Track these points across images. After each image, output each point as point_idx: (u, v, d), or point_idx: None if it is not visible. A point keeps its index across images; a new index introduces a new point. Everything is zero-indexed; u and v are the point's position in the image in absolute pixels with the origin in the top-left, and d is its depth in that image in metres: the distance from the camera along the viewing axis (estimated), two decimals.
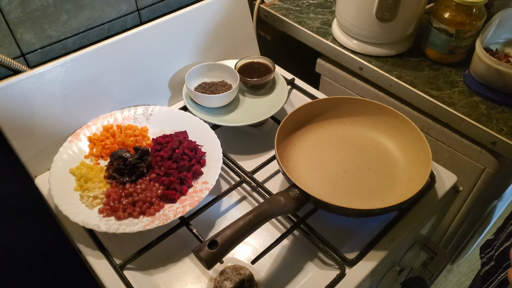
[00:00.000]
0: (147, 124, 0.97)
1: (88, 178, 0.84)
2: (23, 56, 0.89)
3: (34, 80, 0.84)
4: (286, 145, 0.90)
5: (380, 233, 0.80)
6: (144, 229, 0.75)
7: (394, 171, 0.87)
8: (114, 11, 0.97)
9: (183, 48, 1.04)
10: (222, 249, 0.64)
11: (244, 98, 1.05)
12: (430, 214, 0.87)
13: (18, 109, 0.84)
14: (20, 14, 0.84)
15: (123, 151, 0.86)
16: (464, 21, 0.98)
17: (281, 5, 1.27)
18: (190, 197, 0.82)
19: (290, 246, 0.80)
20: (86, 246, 0.78)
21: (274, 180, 0.92)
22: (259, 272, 0.76)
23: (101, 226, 0.76)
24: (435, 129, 1.03)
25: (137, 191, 0.81)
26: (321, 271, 0.76)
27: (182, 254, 0.79)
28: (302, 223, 0.80)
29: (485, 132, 0.92)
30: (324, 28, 1.19)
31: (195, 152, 0.88)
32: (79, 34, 0.95)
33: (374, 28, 1.05)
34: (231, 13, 1.10)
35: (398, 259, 0.90)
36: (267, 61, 1.06)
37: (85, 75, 0.91)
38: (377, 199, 0.82)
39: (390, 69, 1.06)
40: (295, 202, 0.73)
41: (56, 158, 0.87)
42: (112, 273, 0.75)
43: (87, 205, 0.80)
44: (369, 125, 0.94)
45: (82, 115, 0.93)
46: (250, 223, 0.67)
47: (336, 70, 1.19)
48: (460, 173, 1.02)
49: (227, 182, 0.92)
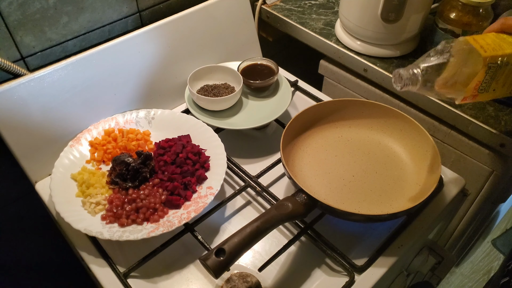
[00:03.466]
0: (149, 128, 0.95)
1: (90, 183, 0.82)
2: (23, 60, 0.87)
3: (34, 83, 0.83)
4: (291, 149, 0.88)
5: (389, 239, 0.78)
6: (148, 236, 0.73)
7: (401, 175, 0.86)
8: (115, 13, 0.96)
9: (185, 50, 1.02)
10: (230, 257, 0.62)
11: (247, 100, 1.03)
12: (439, 218, 0.85)
13: (18, 113, 0.82)
14: (19, 16, 0.82)
15: (125, 156, 0.84)
16: (471, 22, 0.97)
17: (283, 6, 1.26)
18: (195, 203, 0.80)
19: (298, 252, 0.79)
20: (89, 253, 0.77)
21: (279, 184, 0.91)
22: (266, 280, 0.75)
23: (104, 233, 0.74)
24: (441, 131, 1.01)
25: (141, 197, 0.80)
26: (329, 278, 0.75)
27: (187, 261, 0.77)
28: (309, 229, 0.79)
29: (494, 134, 0.90)
30: (327, 29, 1.18)
31: (199, 157, 0.87)
32: (79, 36, 0.93)
33: (378, 29, 1.03)
34: (232, 15, 1.08)
35: (407, 265, 0.89)
36: (270, 63, 1.05)
37: (86, 78, 0.89)
38: (385, 204, 0.81)
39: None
40: (303, 207, 0.72)
41: (57, 163, 0.85)
42: (115, 281, 0.73)
43: (89, 212, 0.79)
44: (375, 128, 0.93)
45: (83, 119, 0.92)
46: (258, 230, 0.66)
47: (340, 72, 1.17)
48: (467, 176, 1.00)
49: (231, 186, 0.90)
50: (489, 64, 0.68)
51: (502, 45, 0.69)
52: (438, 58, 0.68)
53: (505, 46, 0.69)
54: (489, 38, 0.71)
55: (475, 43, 0.69)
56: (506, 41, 0.70)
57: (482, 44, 0.68)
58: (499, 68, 0.69)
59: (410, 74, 0.68)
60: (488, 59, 0.67)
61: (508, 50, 0.69)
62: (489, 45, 0.69)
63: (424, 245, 0.90)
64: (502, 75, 0.70)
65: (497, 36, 0.72)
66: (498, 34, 0.72)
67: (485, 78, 0.69)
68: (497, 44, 0.69)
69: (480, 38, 0.70)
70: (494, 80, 0.70)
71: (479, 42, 0.69)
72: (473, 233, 1.23)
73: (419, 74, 0.68)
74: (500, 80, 0.70)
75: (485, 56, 0.67)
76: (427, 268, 0.90)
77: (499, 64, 0.68)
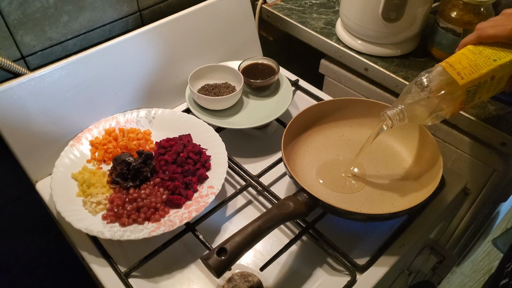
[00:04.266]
0: (150, 127, 0.95)
1: (91, 183, 0.82)
2: (23, 59, 0.87)
3: (35, 83, 0.82)
4: (292, 148, 0.88)
5: (391, 238, 0.78)
6: (149, 235, 0.73)
7: (403, 174, 0.85)
8: (115, 12, 0.95)
9: (186, 50, 1.02)
10: (231, 256, 0.62)
11: (248, 100, 1.03)
12: (441, 217, 0.85)
13: (18, 112, 0.82)
14: (20, 15, 0.82)
15: (126, 155, 0.84)
16: (472, 21, 0.97)
17: (283, 5, 1.26)
18: (196, 202, 0.80)
19: (299, 252, 0.79)
20: (90, 253, 0.77)
21: (280, 184, 0.90)
22: (267, 279, 0.74)
23: (105, 233, 0.74)
24: (442, 130, 1.01)
25: (142, 196, 0.79)
26: (331, 278, 0.75)
27: (188, 261, 0.77)
28: (311, 228, 0.79)
29: (495, 133, 0.90)
30: (328, 28, 1.18)
31: (200, 156, 0.87)
32: (80, 35, 0.93)
33: (379, 28, 1.03)
34: (233, 14, 1.08)
35: (408, 264, 0.89)
36: (271, 62, 1.04)
37: (86, 77, 0.89)
38: (386, 203, 0.80)
39: (396, 69, 1.05)
40: (304, 207, 0.71)
41: (58, 162, 0.85)
42: (116, 281, 0.73)
43: (90, 211, 0.78)
44: (376, 127, 0.92)
45: (84, 119, 0.91)
46: (260, 229, 0.65)
47: (341, 71, 1.17)
48: (468, 175, 1.00)
49: (232, 186, 0.90)
50: (468, 89, 0.70)
51: (478, 63, 0.70)
52: (419, 94, 0.71)
53: (482, 65, 0.70)
54: (465, 59, 0.71)
55: (451, 71, 0.70)
56: (482, 56, 0.71)
57: (459, 70, 0.70)
58: (478, 88, 0.71)
59: (396, 113, 0.72)
60: (466, 86, 0.69)
61: (485, 69, 0.70)
62: (465, 69, 0.69)
63: (425, 245, 0.90)
64: (484, 89, 0.72)
65: (474, 51, 0.72)
66: (475, 47, 0.73)
67: (467, 97, 0.71)
68: (474, 64, 0.70)
69: (456, 61, 0.71)
70: (477, 93, 0.72)
71: (455, 68, 0.70)
72: (474, 232, 1.22)
73: (404, 111, 0.72)
74: (483, 92, 0.72)
75: (462, 84, 0.69)
76: (429, 267, 0.90)
77: (478, 85, 0.70)
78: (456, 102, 0.71)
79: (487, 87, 0.72)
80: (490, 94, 0.74)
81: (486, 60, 0.70)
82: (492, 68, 0.70)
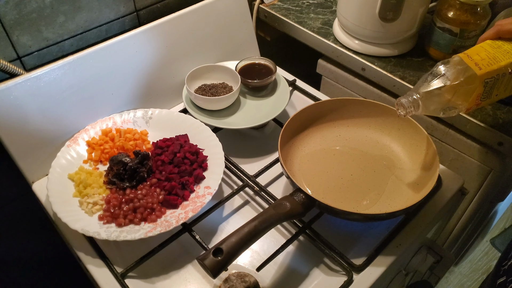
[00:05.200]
0: (147, 128, 0.95)
1: (87, 183, 0.82)
2: (19, 59, 0.87)
3: (31, 83, 0.82)
4: (289, 148, 0.88)
5: (387, 238, 0.78)
6: (146, 236, 0.73)
7: (399, 174, 0.85)
8: (112, 12, 0.95)
9: (183, 50, 1.02)
10: (228, 256, 0.62)
11: (245, 100, 1.03)
12: (438, 217, 0.85)
13: (14, 113, 0.81)
14: (16, 16, 0.82)
15: (122, 156, 0.84)
16: (469, 21, 0.97)
17: (281, 5, 1.26)
18: (193, 203, 0.80)
19: (296, 252, 0.79)
20: (86, 254, 0.76)
21: (277, 184, 0.90)
22: (264, 279, 0.74)
23: (101, 233, 0.73)
24: (439, 130, 1.01)
25: (138, 197, 0.79)
26: (327, 278, 0.74)
27: (185, 261, 0.77)
28: (308, 228, 0.78)
29: (492, 133, 0.90)
30: (325, 28, 1.18)
31: (197, 156, 0.86)
32: (76, 36, 0.93)
33: (376, 28, 1.03)
34: (230, 14, 1.08)
35: (405, 264, 0.89)
36: (268, 62, 1.04)
37: (83, 78, 0.89)
38: (383, 203, 0.80)
39: (393, 69, 1.05)
40: (301, 207, 0.71)
41: (54, 163, 0.85)
42: (113, 281, 0.73)
43: (86, 212, 0.78)
44: (373, 127, 0.92)
45: (80, 119, 0.91)
46: (256, 229, 0.65)
47: (338, 71, 1.17)
48: (466, 175, 1.00)
49: (229, 186, 0.90)
50: (486, 80, 0.68)
51: (497, 56, 0.69)
52: (435, 82, 0.70)
53: (500, 57, 0.69)
54: (483, 51, 0.70)
55: (469, 61, 0.69)
56: (501, 50, 0.70)
57: (477, 61, 0.69)
58: (496, 81, 0.69)
59: (410, 101, 0.71)
60: (484, 76, 0.68)
61: (504, 62, 0.69)
62: (483, 60, 0.69)
63: (422, 244, 0.90)
64: (501, 84, 0.70)
65: (492, 45, 0.71)
66: (493, 42, 0.72)
67: (485, 91, 0.70)
68: (492, 56, 0.69)
69: (474, 53, 0.70)
70: (495, 89, 0.71)
71: (473, 59, 0.69)
72: (472, 232, 1.23)
73: (419, 99, 0.70)
74: (500, 87, 0.71)
75: (480, 74, 0.67)
76: (426, 267, 0.90)
77: (496, 77, 0.69)
78: (473, 96, 0.69)
79: (506, 82, 0.70)
80: (507, 92, 0.73)
81: (505, 53, 0.69)
82: (511, 61, 0.69)
